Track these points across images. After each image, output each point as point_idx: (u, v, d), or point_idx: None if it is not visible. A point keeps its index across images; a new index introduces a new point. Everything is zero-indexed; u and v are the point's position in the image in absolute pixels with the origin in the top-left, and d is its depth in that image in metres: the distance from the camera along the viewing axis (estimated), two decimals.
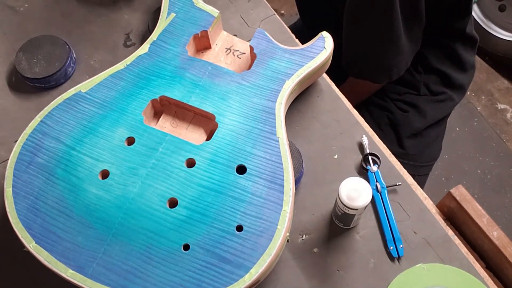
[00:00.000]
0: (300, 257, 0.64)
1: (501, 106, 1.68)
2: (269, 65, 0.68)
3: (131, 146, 0.63)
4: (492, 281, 0.62)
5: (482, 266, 0.64)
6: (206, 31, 0.71)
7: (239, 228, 0.57)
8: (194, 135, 0.67)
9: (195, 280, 0.55)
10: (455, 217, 0.67)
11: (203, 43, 0.74)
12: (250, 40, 0.71)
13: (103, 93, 0.67)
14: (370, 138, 0.72)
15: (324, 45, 0.69)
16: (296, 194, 0.68)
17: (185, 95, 0.67)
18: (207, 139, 0.64)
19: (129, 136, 0.64)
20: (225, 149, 0.62)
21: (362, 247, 0.65)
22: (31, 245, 0.58)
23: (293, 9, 1.88)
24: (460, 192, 0.65)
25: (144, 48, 0.70)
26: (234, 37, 0.76)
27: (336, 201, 0.62)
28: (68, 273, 0.56)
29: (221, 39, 0.76)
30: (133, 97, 0.67)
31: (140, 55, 0.70)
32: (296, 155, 0.67)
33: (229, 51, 0.74)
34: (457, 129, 1.60)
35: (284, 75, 0.67)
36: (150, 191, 0.60)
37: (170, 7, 0.73)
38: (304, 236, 0.66)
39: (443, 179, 1.53)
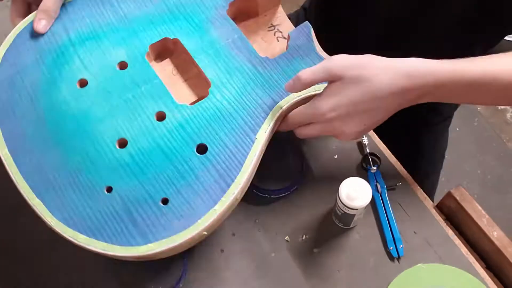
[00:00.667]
0: (300, 257, 0.64)
1: (501, 106, 1.68)
2: (293, 63, 0.63)
3: (120, 71, 0.61)
4: (492, 281, 0.62)
5: (482, 266, 0.64)
6: None
7: (164, 201, 0.55)
8: (184, 92, 0.64)
9: (99, 223, 0.54)
10: (455, 217, 0.67)
11: (250, 7, 0.68)
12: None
13: (130, 7, 0.65)
14: (370, 138, 0.72)
15: None
16: (296, 194, 0.68)
17: (197, 50, 0.63)
18: (191, 103, 0.61)
19: (123, 60, 0.62)
20: (199, 121, 0.59)
21: (362, 247, 0.65)
22: None
23: (293, 9, 1.87)
24: (460, 192, 0.65)
25: None
26: (286, 17, 0.69)
27: (336, 201, 0.62)
28: (3, 152, 0.57)
29: (272, 13, 0.69)
30: (152, 26, 0.64)
31: None
32: (296, 155, 0.67)
33: (273, 28, 0.69)
34: (457, 129, 1.60)
35: None
36: (109, 122, 0.58)
37: None
38: (304, 236, 0.66)
39: (443, 179, 1.53)
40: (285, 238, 0.65)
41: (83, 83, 0.61)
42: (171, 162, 0.56)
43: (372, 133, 0.73)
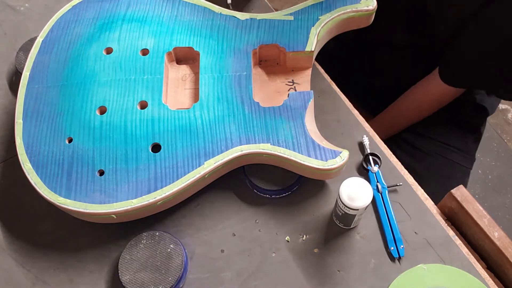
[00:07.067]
0: (300, 257, 0.64)
1: (502, 106, 1.67)
2: (277, 121, 0.64)
3: (139, 55, 0.69)
4: (493, 282, 0.62)
5: (483, 267, 0.64)
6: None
7: (101, 173, 0.62)
8: (180, 98, 0.69)
9: (45, 160, 0.63)
10: (456, 217, 0.67)
11: (278, 57, 0.72)
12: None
13: (184, 11, 0.73)
14: (371, 138, 0.71)
15: None
16: (296, 194, 0.68)
17: (207, 68, 0.68)
18: (175, 109, 0.66)
19: (147, 48, 0.70)
20: (168, 125, 0.64)
21: (363, 247, 0.64)
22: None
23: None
24: (461, 193, 0.65)
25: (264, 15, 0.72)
26: (309, 81, 0.71)
27: (336, 201, 0.62)
28: (24, 74, 0.69)
29: (299, 71, 0.71)
30: (189, 33, 0.71)
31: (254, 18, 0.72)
32: None
33: (291, 83, 0.71)
34: None
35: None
36: (104, 89, 0.66)
37: None
38: (304, 236, 0.65)
39: None
40: (286, 238, 0.65)
41: (109, 51, 0.70)
42: (125, 145, 0.63)
43: (373, 133, 0.73)
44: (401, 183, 0.67)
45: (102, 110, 0.66)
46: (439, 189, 0.69)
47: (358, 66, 1.04)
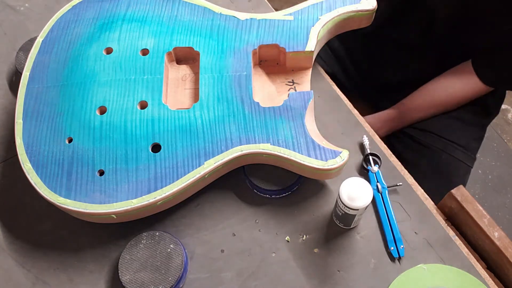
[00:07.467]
0: (300, 257, 0.64)
1: (502, 106, 1.67)
2: (277, 121, 0.64)
3: (139, 55, 0.69)
4: (493, 282, 0.62)
5: (483, 267, 0.64)
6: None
7: (101, 173, 0.62)
8: (180, 98, 0.69)
9: (45, 160, 0.63)
10: (456, 217, 0.67)
11: (278, 57, 0.71)
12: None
13: (184, 11, 0.73)
14: (371, 138, 0.71)
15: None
16: (296, 194, 0.68)
17: (207, 68, 0.68)
18: (175, 109, 0.66)
19: (147, 49, 0.70)
20: (168, 125, 0.64)
21: (363, 247, 0.64)
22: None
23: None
24: (461, 193, 0.65)
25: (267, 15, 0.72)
26: (309, 81, 0.71)
27: (336, 201, 0.62)
28: (24, 74, 0.69)
29: (299, 70, 0.71)
30: (189, 33, 0.71)
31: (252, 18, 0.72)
32: None
33: (291, 83, 0.71)
34: None
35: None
36: (104, 89, 0.66)
37: None
38: (304, 236, 0.65)
39: None
40: (286, 238, 0.65)
41: (109, 51, 0.70)
42: (125, 145, 0.63)
43: (373, 133, 0.73)
44: (401, 183, 0.67)
45: (102, 110, 0.66)
46: (441, 185, 0.68)
47: (362, 61, 1.04)
